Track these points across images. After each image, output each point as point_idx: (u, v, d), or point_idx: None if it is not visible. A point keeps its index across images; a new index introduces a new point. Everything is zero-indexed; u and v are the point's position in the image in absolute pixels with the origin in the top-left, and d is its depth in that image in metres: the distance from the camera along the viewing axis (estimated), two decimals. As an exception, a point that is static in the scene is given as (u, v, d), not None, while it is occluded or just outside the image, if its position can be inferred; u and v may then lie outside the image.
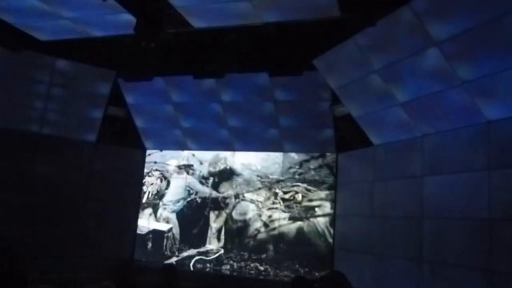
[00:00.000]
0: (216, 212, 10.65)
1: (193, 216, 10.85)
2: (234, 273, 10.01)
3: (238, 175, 10.63)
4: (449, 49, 6.03)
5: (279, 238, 9.88)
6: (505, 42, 5.45)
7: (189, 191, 11.02)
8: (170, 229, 10.95)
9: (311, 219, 9.62)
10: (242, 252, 10.16)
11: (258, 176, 10.41)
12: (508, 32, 5.33)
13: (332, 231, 9.36)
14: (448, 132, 6.91)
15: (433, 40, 6.10)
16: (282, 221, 9.90)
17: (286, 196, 10.00)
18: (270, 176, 10.28)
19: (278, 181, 10.17)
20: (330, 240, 9.33)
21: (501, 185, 5.95)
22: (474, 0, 5.41)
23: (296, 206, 9.82)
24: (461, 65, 6.06)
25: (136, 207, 11.24)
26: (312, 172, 9.88)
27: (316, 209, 9.63)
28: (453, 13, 5.68)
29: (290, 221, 9.83)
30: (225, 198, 10.64)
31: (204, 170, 11.02)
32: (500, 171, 5.99)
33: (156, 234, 11.03)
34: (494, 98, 6.03)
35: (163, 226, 11.04)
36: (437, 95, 6.65)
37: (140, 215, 11.23)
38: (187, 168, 11.15)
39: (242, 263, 10.07)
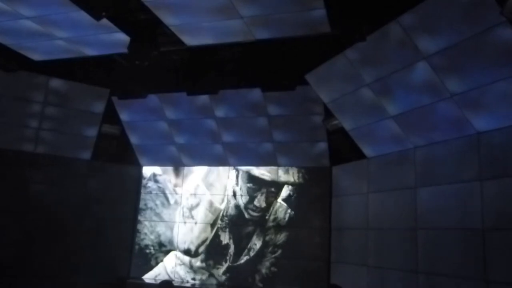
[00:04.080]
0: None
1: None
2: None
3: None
4: (438, 63, 6.16)
5: (276, 252, 9.91)
6: (492, 55, 5.57)
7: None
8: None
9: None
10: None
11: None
12: (494, 46, 5.46)
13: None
14: (439, 143, 7.01)
15: (422, 54, 6.23)
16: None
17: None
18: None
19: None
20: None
21: (493, 195, 6.04)
22: (460, 15, 5.55)
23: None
24: (450, 78, 6.18)
25: (132, 224, 11.21)
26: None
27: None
28: (441, 28, 5.81)
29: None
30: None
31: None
32: (491, 181, 6.08)
33: (152, 251, 10.99)
34: (482, 110, 6.14)
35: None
36: (427, 108, 6.76)
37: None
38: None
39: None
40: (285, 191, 10.12)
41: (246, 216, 10.39)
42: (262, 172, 10.43)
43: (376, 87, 7.31)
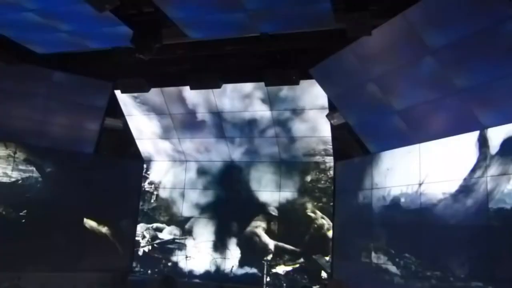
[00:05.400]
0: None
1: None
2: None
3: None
4: (445, 58, 6.08)
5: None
6: (500, 50, 5.50)
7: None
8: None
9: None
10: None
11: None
12: (503, 40, 5.38)
13: (331, 239, 9.39)
14: (445, 139, 6.94)
15: (429, 49, 6.15)
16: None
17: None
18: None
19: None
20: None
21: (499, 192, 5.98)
22: (468, 8, 5.47)
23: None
24: (457, 73, 6.10)
25: (134, 217, 11.19)
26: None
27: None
28: (448, 23, 5.73)
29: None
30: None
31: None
32: (497, 178, 6.02)
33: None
34: (490, 106, 6.07)
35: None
36: (433, 103, 6.69)
37: (138, 226, 11.21)
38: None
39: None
40: (289, 187, 10.09)
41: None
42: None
43: (381, 82, 7.24)
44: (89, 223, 10.36)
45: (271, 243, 9.96)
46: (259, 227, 10.16)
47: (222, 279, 10.10)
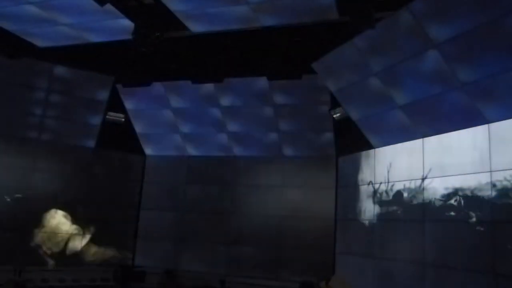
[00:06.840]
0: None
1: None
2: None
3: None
4: (449, 51, 6.01)
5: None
6: (504, 44, 5.42)
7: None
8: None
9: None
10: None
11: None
12: (507, 34, 5.31)
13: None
14: (449, 134, 6.87)
15: (432, 42, 6.08)
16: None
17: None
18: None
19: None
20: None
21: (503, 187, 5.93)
22: (473, 2, 5.39)
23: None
24: (461, 67, 6.03)
25: (135, 211, 11.18)
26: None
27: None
28: (452, 15, 5.66)
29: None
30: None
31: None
32: (502, 173, 5.96)
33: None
34: (494, 100, 6.00)
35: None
36: (437, 98, 6.62)
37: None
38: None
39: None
40: (291, 182, 10.05)
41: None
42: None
43: (384, 76, 7.17)
44: (91, 217, 10.35)
45: (273, 238, 9.95)
46: (261, 222, 10.14)
47: (223, 271, 10.09)
